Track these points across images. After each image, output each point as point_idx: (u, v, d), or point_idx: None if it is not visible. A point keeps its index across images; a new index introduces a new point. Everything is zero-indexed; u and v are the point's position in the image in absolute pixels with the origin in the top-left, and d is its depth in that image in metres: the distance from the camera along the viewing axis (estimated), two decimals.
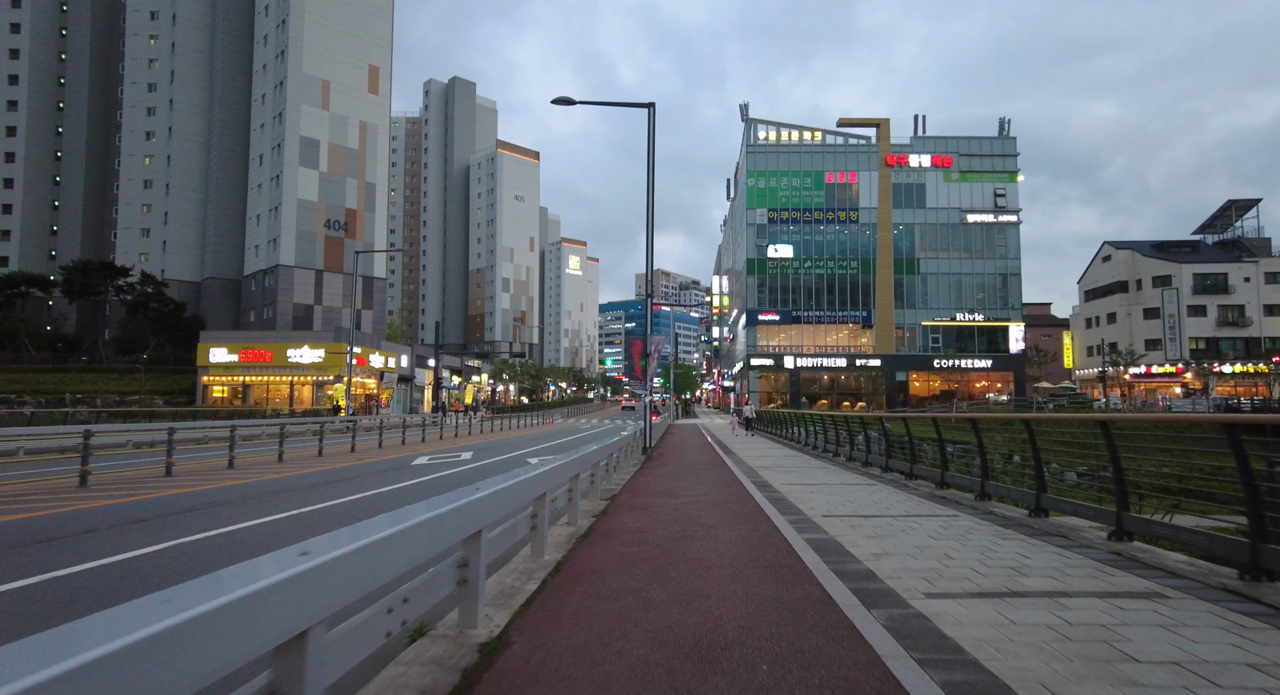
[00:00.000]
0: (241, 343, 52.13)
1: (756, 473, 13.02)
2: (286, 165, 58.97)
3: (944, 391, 57.41)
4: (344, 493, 10.41)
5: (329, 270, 61.51)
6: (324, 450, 18.46)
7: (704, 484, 11.16)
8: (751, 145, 57.51)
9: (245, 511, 8.44)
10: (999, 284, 57.08)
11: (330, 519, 8.08)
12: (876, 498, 9.19)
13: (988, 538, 6.15)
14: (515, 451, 20.07)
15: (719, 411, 79.50)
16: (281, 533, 7.10)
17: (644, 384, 19.32)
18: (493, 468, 15.49)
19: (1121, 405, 54.80)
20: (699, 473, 13.20)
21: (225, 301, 64.74)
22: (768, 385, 56.95)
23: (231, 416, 38.40)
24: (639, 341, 20.69)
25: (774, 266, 57.22)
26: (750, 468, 14.13)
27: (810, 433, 21.41)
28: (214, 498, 9.63)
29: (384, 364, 57.70)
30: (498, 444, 23.68)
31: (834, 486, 10.75)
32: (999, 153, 57.65)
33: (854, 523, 7.15)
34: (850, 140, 58.18)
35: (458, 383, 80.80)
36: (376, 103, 65.46)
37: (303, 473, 13.52)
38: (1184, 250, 64.90)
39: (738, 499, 9.23)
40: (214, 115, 64.78)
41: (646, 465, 15.25)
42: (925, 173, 57.49)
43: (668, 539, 6.34)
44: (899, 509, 8.14)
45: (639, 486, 10.94)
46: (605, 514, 8.00)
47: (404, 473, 13.86)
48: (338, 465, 15.37)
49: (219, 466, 14.37)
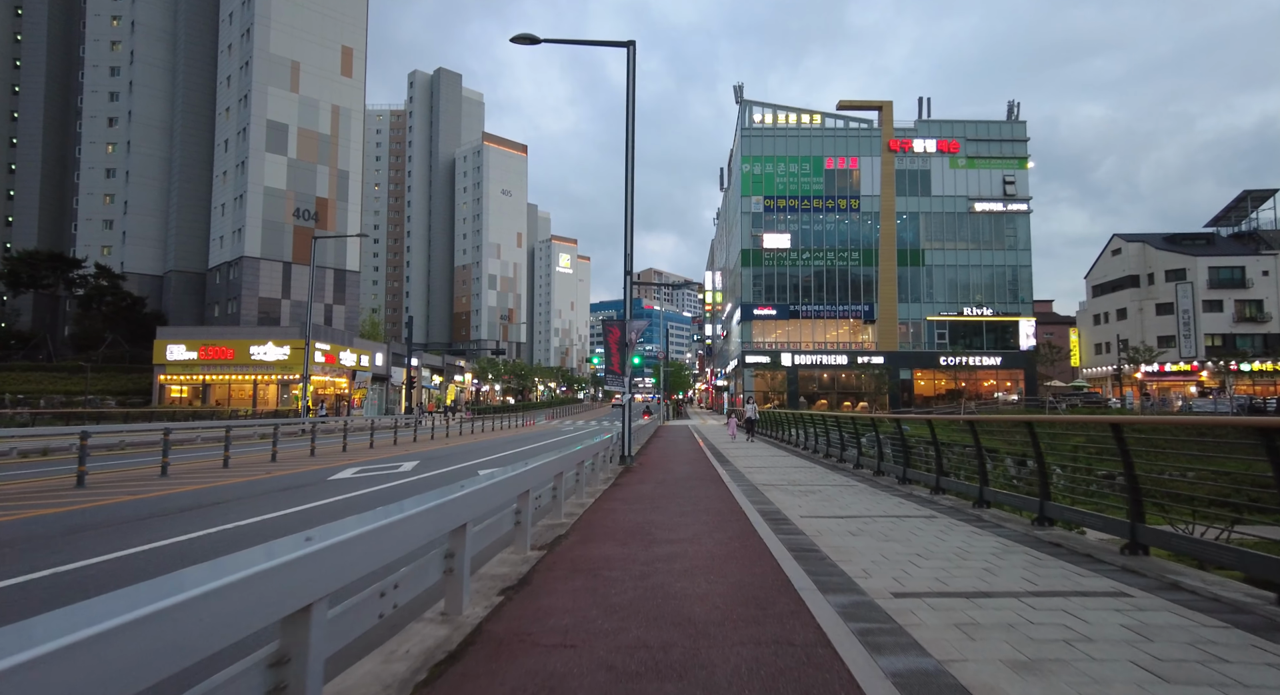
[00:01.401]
0: (201, 339, 48.63)
1: (763, 494, 9.69)
2: (252, 151, 55.42)
3: (950, 391, 54.34)
4: (166, 533, 6.97)
5: (298, 263, 57.90)
6: (231, 461, 15.07)
7: (693, 517, 7.82)
8: (746, 129, 54.22)
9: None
10: (1008, 276, 54.05)
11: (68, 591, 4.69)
12: (954, 540, 5.85)
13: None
14: (471, 460, 16.79)
15: (712, 412, 76.24)
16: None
17: (622, 379, 15.98)
18: (421, 485, 12.12)
19: (1138, 405, 51.80)
20: (688, 494, 9.87)
21: (189, 296, 61.03)
22: (764, 384, 53.68)
23: (191, 418, 35.66)
24: (616, 328, 18.46)
25: (770, 258, 53.94)
26: (754, 486, 10.82)
27: (812, 435, 18.23)
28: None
29: (356, 362, 54.27)
30: (457, 451, 20.32)
31: (875, 518, 7.44)
32: (1008, 137, 54.62)
33: (968, 616, 3.79)
34: (851, 124, 55.02)
35: (438, 382, 77.41)
36: (350, 86, 61.94)
37: (179, 491, 10.18)
38: (1198, 243, 62.10)
39: (744, 551, 5.89)
40: (177, 99, 61.04)
41: (623, 479, 11.94)
42: (930, 158, 54.40)
43: (612, 678, 2.99)
44: (1015, 575, 4.81)
45: (601, 521, 7.59)
46: (524, 585, 4.65)
47: (304, 493, 10.49)
48: (233, 480, 12.06)
49: (148, 475, 10.95)
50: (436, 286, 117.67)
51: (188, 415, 40.30)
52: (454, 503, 3.60)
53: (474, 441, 25.46)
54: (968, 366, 51.68)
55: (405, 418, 41.96)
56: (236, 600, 1.83)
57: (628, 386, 16.08)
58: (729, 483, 11.30)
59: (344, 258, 61.05)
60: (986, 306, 53.75)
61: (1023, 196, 54.11)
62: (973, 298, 53.81)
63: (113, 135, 64.17)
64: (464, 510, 3.77)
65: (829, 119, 54.95)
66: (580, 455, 8.87)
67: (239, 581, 1.84)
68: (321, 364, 49.62)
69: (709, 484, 11.24)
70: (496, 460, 16.84)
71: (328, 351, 50.04)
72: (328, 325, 57.44)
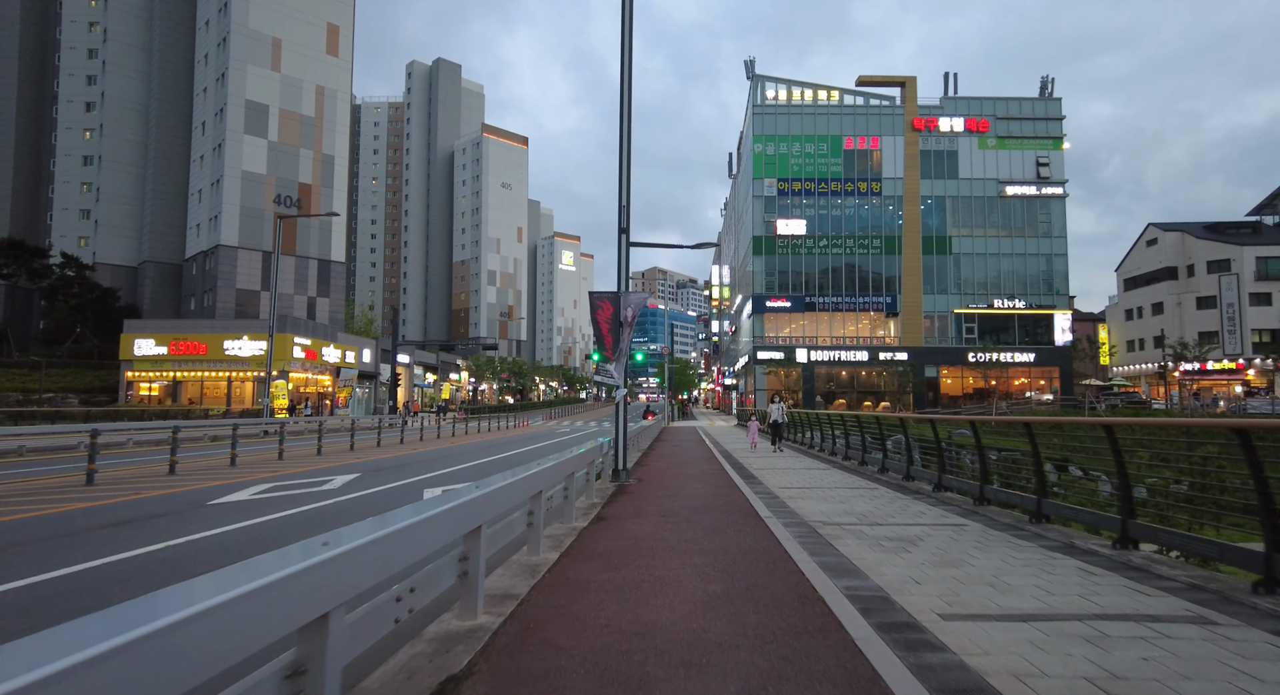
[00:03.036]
0: (171, 333, 45.27)
1: (834, 547, 5.80)
2: (229, 132, 51.84)
3: (978, 390, 50.25)
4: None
5: (280, 252, 54.18)
6: (99, 475, 11.35)
7: (727, 612, 3.91)
8: (759, 105, 50.14)
9: None
10: (1042, 266, 49.88)
11: None
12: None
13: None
14: (426, 474, 13.09)
15: (719, 412, 72.36)
16: None
17: (616, 365, 12.17)
18: (315, 522, 8.28)
19: (1187, 406, 47.57)
20: (710, 543, 5.99)
21: (165, 289, 57.56)
22: (777, 382, 49.67)
23: (160, 417, 32.84)
24: (607, 303, 14.70)
25: (784, 246, 49.89)
26: (806, 524, 6.99)
27: (853, 443, 14.59)
28: None
29: (341, 358, 50.69)
30: (418, 459, 16.58)
31: (1091, 621, 3.53)
32: (1041, 115, 50.40)
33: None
34: (872, 101, 50.93)
35: (432, 381, 73.89)
36: (336, 66, 58.35)
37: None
38: (1242, 232, 57.83)
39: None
40: (153, 78, 57.54)
41: (611, 509, 8.14)
42: (958, 138, 50.26)
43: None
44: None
45: (552, 625, 3.68)
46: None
47: (140, 531, 6.67)
48: (76, 505, 8.53)
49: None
50: (434, 283, 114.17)
51: (156, 414, 37.41)
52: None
53: (450, 446, 21.77)
54: (998, 363, 47.45)
55: (389, 418, 38.88)
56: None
57: (623, 378, 12.28)
58: (767, 517, 7.45)
59: (328, 248, 57.48)
60: (1018, 298, 49.61)
61: (1058, 179, 49.92)
62: (1004, 289, 49.68)
63: (90, 121, 60.82)
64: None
65: (848, 96, 50.86)
66: (544, 478, 5.18)
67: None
68: (301, 360, 46.18)
69: (738, 519, 7.38)
70: (456, 474, 13.02)
71: (308, 346, 46.57)
72: (310, 319, 53.84)
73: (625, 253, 12.65)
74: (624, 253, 12.62)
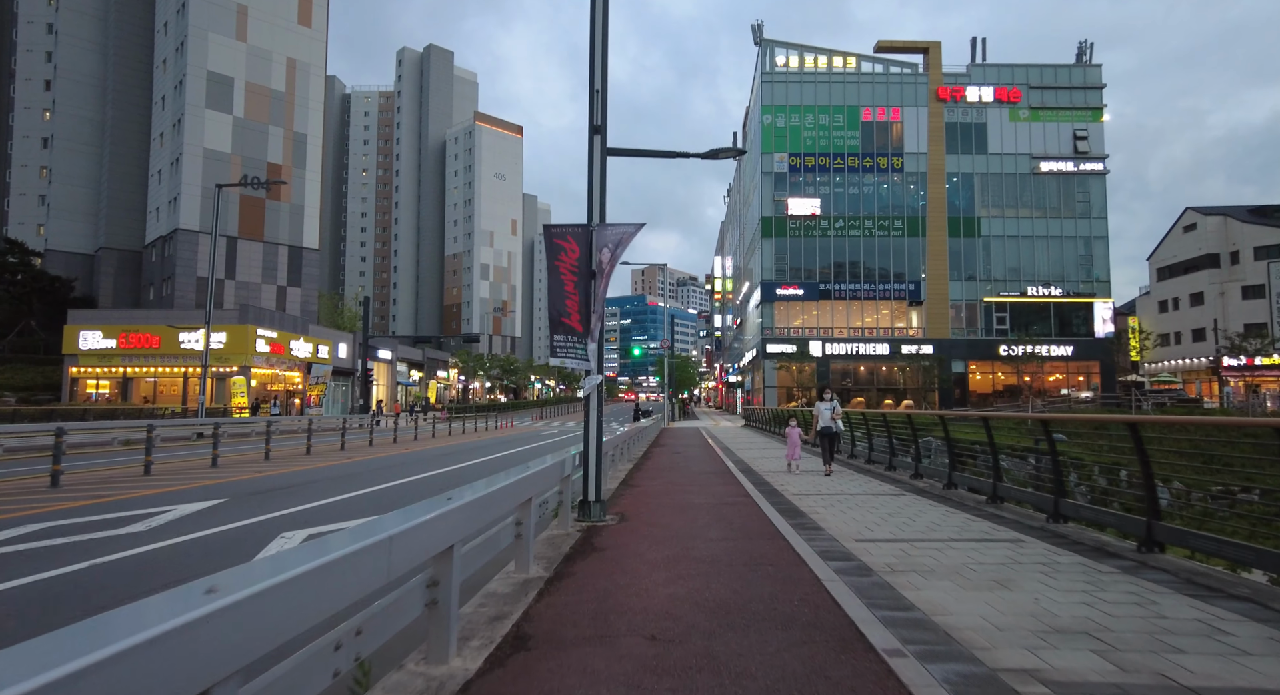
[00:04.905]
0: (121, 324, 41.08)
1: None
2: (189, 106, 47.50)
3: (1007, 386, 45.78)
4: None
5: (245, 237, 50.06)
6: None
7: None
8: (767, 73, 45.56)
9: None
10: (1080, 249, 45.34)
11: None
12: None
13: None
14: (318, 501, 8.63)
15: (723, 412, 67.89)
16: None
17: (581, 342, 7.77)
18: None
19: (1244, 404, 43.01)
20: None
21: (124, 277, 53.21)
22: (788, 378, 45.16)
23: (105, 416, 29.36)
24: (571, 241, 5.86)
25: (796, 227, 45.34)
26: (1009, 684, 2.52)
27: (870, 443, 11.41)
28: None
29: (313, 353, 46.40)
30: (328, 477, 12.18)
31: None
32: (1079, 84, 45.84)
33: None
34: (892, 69, 46.34)
35: (417, 378, 69.55)
36: (309, 37, 53.97)
37: None
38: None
39: None
40: (110, 50, 53.12)
41: (551, 601, 3.56)
42: (987, 109, 45.70)
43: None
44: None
45: None
46: None
47: None
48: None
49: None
50: (426, 277, 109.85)
51: (101, 414, 33.33)
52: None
53: (409, 452, 17.69)
54: (1033, 357, 42.79)
55: (357, 418, 34.73)
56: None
57: (596, 360, 7.90)
58: (891, 652, 2.94)
59: (300, 234, 53.06)
60: (1054, 285, 45.07)
61: (1097, 154, 45.37)
62: (1038, 275, 45.14)
63: (51, 100, 56.49)
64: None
65: (865, 63, 46.24)
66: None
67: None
68: (266, 354, 41.92)
69: (818, 647, 2.86)
70: (350, 504, 8.56)
71: (274, 339, 42.36)
72: (280, 310, 49.48)
73: (600, 163, 8.22)
74: (597, 163, 8.18)
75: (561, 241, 8.11)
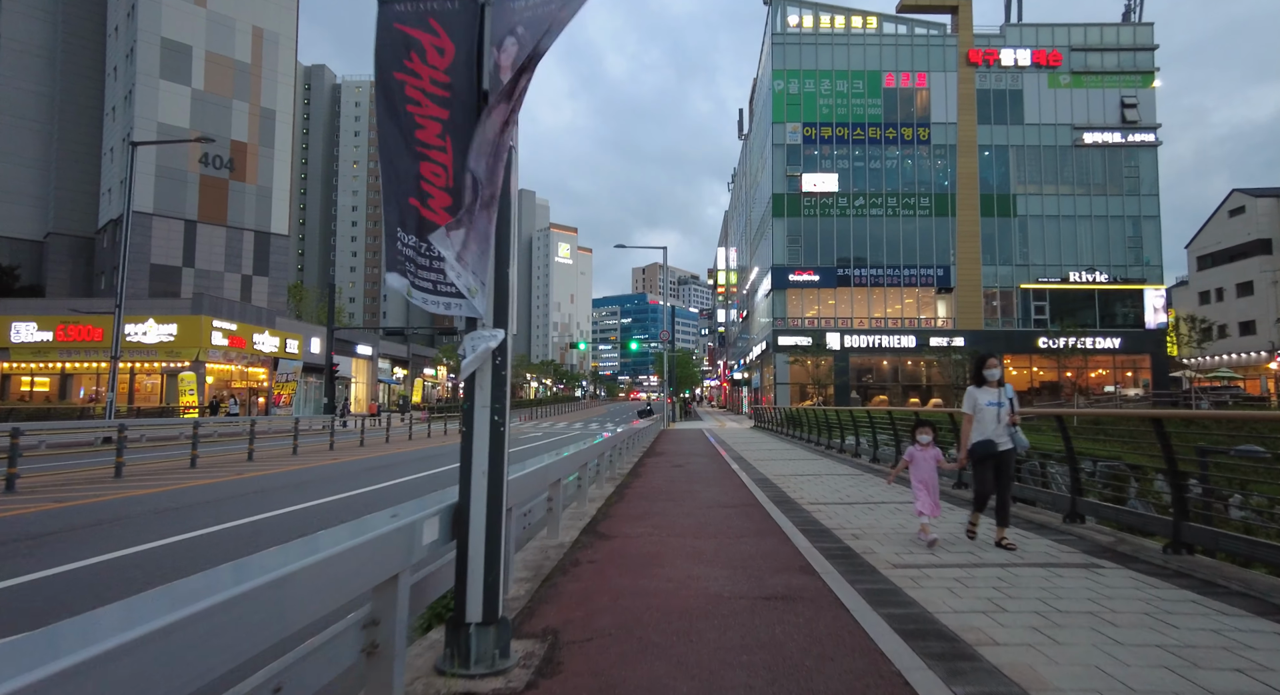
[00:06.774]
0: (58, 315, 36.84)
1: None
2: (141, 76, 43.18)
3: (1045, 383, 41.19)
4: None
5: (206, 221, 45.74)
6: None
7: None
8: (778, 34, 40.96)
9: None
10: (1128, 231, 40.71)
11: None
12: None
13: None
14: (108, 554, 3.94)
15: (727, 412, 63.33)
16: None
17: (455, 246, 3.02)
18: None
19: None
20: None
21: (76, 265, 48.92)
22: (802, 373, 40.57)
23: (44, 417, 27.06)
24: (435, 25, 3.04)
25: (811, 205, 40.74)
26: None
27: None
28: None
29: (280, 348, 42.11)
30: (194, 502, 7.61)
31: None
32: (1127, 45, 41.20)
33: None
34: (917, 30, 41.71)
35: (401, 377, 65.26)
36: (278, 5, 49.68)
37: None
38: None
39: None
40: (60, 18, 48.77)
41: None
42: (1023, 74, 41.07)
43: None
44: None
45: None
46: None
47: None
48: None
49: None
50: None
51: (30, 414, 29.19)
52: None
53: (336, 462, 13.34)
54: (1079, 350, 38.08)
55: (321, 418, 30.72)
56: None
57: (491, 297, 3.10)
58: None
59: (268, 219, 48.69)
60: (1099, 271, 40.42)
61: (1148, 124, 40.70)
62: (1080, 259, 40.50)
63: None
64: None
65: (888, 23, 41.60)
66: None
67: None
68: (224, 348, 37.64)
69: None
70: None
71: (233, 332, 38.14)
72: (245, 301, 45.10)
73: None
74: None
75: (413, 29, 3.39)
